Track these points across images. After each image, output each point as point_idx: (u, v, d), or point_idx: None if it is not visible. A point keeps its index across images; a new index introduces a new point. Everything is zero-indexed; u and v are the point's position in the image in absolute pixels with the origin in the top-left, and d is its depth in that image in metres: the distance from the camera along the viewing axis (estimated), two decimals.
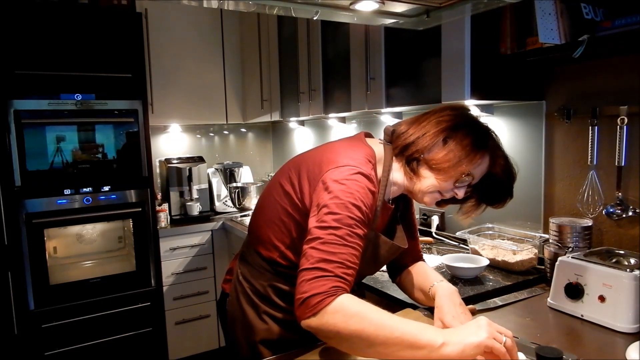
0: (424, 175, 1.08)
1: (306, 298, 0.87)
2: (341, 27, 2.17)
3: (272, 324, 1.16)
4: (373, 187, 1.01)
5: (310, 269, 0.90)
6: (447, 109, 1.12)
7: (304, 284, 0.89)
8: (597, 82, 1.54)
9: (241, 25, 3.24)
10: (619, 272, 1.18)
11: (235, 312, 1.21)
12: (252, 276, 1.19)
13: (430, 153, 1.07)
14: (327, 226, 0.93)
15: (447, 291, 1.15)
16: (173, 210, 2.98)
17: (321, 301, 0.86)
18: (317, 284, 0.87)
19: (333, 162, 1.02)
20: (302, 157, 1.17)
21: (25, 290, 2.32)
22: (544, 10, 1.36)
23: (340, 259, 0.90)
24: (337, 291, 0.87)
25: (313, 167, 1.06)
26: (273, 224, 1.12)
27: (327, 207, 0.95)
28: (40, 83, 2.30)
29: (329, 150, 1.10)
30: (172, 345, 2.79)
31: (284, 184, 1.11)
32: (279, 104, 2.83)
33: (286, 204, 1.10)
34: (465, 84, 1.52)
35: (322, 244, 0.91)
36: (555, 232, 1.52)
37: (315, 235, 0.93)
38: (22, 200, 2.29)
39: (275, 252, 1.13)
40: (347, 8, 1.26)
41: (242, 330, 1.19)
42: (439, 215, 2.15)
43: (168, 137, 3.37)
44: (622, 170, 1.47)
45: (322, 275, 0.88)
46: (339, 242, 0.92)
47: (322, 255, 0.90)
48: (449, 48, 1.57)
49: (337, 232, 0.92)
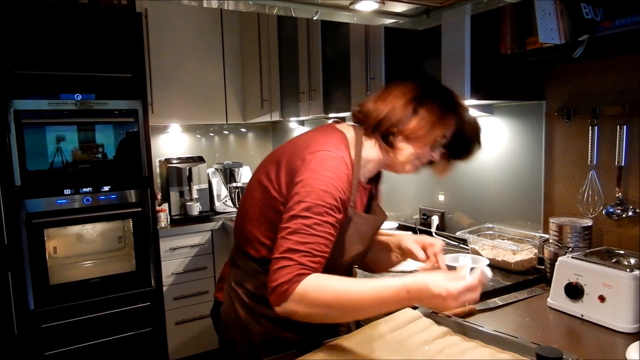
0: (401, 147, 1.12)
1: (274, 287, 0.93)
2: (341, 27, 2.17)
3: (270, 326, 1.15)
4: (347, 169, 1.04)
5: (278, 259, 0.95)
6: (407, 81, 1.15)
7: (272, 272, 0.95)
8: (597, 82, 1.54)
9: (241, 25, 3.24)
10: (619, 272, 1.18)
11: (231, 319, 1.19)
12: (245, 280, 1.18)
13: (404, 125, 1.10)
14: (295, 214, 0.97)
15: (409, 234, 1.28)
16: (173, 210, 2.98)
17: (286, 290, 0.92)
18: (282, 272, 0.93)
19: (307, 149, 1.05)
20: (279, 150, 1.18)
21: (25, 290, 2.32)
22: (544, 10, 1.36)
23: (307, 248, 0.95)
24: (300, 278, 0.92)
25: (289, 157, 1.09)
26: (257, 221, 1.13)
27: (298, 194, 0.99)
28: (40, 83, 2.30)
29: (303, 140, 1.13)
30: (172, 345, 2.79)
31: (262, 180, 1.12)
32: (279, 104, 2.83)
33: (267, 198, 1.10)
34: (465, 84, 1.52)
35: (290, 234, 0.96)
36: (555, 232, 1.52)
37: (285, 225, 0.98)
38: (22, 200, 2.29)
39: (264, 249, 1.13)
40: (347, 8, 1.26)
41: (240, 336, 1.18)
42: (439, 215, 2.15)
43: (168, 137, 3.37)
44: (622, 170, 1.47)
45: (287, 265, 0.93)
46: (307, 232, 0.95)
47: (289, 244, 0.95)
48: (449, 48, 1.57)
49: (306, 221, 0.96)
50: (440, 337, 1.03)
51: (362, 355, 0.97)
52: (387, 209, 2.49)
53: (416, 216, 2.28)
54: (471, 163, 1.99)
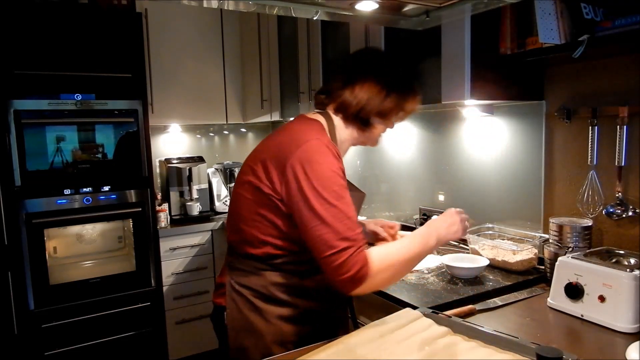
0: (376, 125, 1.28)
1: (352, 276, 1.01)
2: (341, 27, 2.17)
3: (282, 323, 1.17)
4: (335, 149, 1.13)
5: (335, 252, 1.02)
6: (369, 63, 1.29)
7: (339, 266, 1.02)
8: (597, 82, 1.54)
9: (241, 25, 3.24)
10: (619, 272, 1.18)
11: (238, 323, 1.19)
12: (249, 282, 1.18)
13: (381, 108, 1.24)
14: (316, 208, 1.04)
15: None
16: (173, 210, 2.98)
17: (364, 273, 1.02)
18: (350, 261, 1.01)
19: (294, 144, 1.11)
20: (260, 150, 1.23)
21: (25, 290, 2.32)
22: (544, 10, 1.36)
23: (348, 226, 1.04)
24: (366, 256, 1.04)
25: (276, 153, 1.13)
26: (253, 221, 1.16)
27: (309, 188, 1.05)
28: (40, 83, 2.30)
29: (286, 135, 1.19)
30: (172, 345, 2.79)
31: (251, 181, 1.16)
32: (279, 104, 2.83)
33: (260, 197, 1.14)
34: (465, 84, 1.52)
35: (327, 226, 1.03)
36: (555, 232, 1.52)
37: (313, 223, 1.04)
38: (22, 200, 2.29)
39: (266, 246, 1.16)
40: (347, 8, 1.26)
41: (250, 339, 1.18)
42: (438, 215, 2.14)
43: (168, 137, 3.37)
44: (622, 170, 1.47)
45: (349, 252, 1.02)
46: (338, 215, 1.04)
47: (333, 234, 1.03)
48: (449, 48, 1.57)
49: (331, 208, 1.04)
50: (440, 337, 1.03)
51: (362, 355, 0.97)
52: (387, 209, 2.49)
53: (416, 216, 2.28)
54: (471, 163, 2.00)
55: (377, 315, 1.45)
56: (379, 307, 1.49)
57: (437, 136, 2.17)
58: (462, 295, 1.41)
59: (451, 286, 1.51)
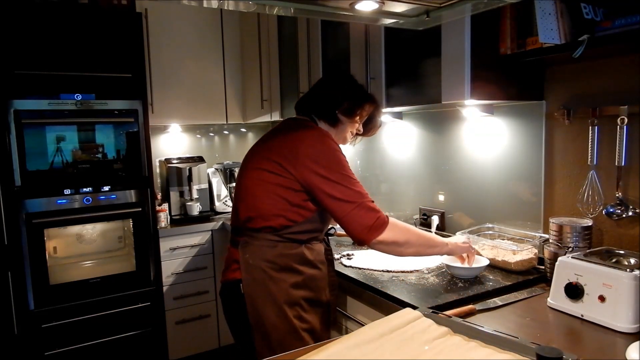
0: (343, 122, 1.55)
1: (374, 223, 1.33)
2: (341, 27, 2.17)
3: (291, 288, 1.40)
4: (335, 142, 1.42)
5: (356, 208, 1.33)
6: (337, 87, 1.58)
7: (361, 216, 1.33)
8: (597, 82, 1.54)
9: (241, 25, 3.24)
10: (619, 272, 1.18)
11: (254, 290, 1.39)
12: (264, 253, 1.40)
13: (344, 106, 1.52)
14: (333, 193, 1.34)
15: None
16: (173, 210, 2.98)
17: (384, 220, 1.35)
18: (371, 212, 1.34)
19: (303, 141, 1.39)
20: (267, 147, 1.46)
21: (25, 290, 2.32)
22: (544, 10, 1.36)
23: (363, 196, 1.36)
24: (385, 216, 1.37)
25: (288, 152, 1.38)
26: (270, 199, 1.39)
27: (325, 176, 1.34)
28: (40, 83, 2.30)
29: (289, 137, 1.42)
30: (172, 345, 2.79)
31: (269, 167, 1.39)
32: (279, 104, 2.83)
33: (279, 181, 1.38)
34: (465, 84, 1.52)
35: (345, 203, 1.34)
36: (555, 232, 1.52)
37: (334, 204, 1.35)
38: (22, 200, 2.29)
39: (280, 218, 1.39)
40: (347, 8, 1.26)
41: (266, 301, 1.38)
42: (439, 215, 2.15)
43: (168, 137, 3.37)
44: (622, 170, 1.47)
45: (371, 205, 1.35)
46: (353, 196, 1.35)
47: (351, 204, 1.33)
48: (449, 48, 1.57)
49: (346, 189, 1.34)
50: (440, 337, 1.03)
51: (362, 355, 0.97)
52: (388, 208, 2.49)
53: (416, 216, 2.28)
54: (471, 163, 2.00)
55: (377, 315, 1.46)
56: (379, 307, 1.49)
57: (437, 136, 2.17)
58: (462, 295, 1.42)
59: (451, 286, 1.51)
